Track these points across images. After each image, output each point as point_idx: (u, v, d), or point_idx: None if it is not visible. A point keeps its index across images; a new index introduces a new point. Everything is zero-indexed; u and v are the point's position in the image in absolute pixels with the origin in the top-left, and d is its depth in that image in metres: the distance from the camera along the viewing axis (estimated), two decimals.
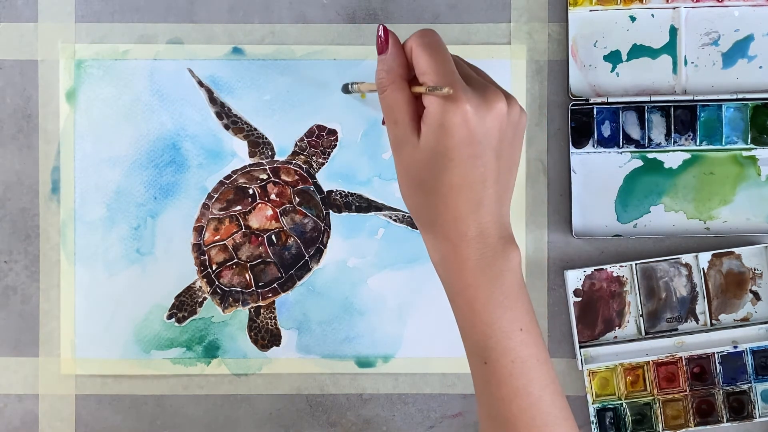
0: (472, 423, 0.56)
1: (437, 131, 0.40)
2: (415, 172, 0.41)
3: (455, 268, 0.42)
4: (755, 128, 0.56)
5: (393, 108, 0.42)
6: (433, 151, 0.40)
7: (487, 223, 0.41)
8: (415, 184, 0.42)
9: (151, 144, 0.56)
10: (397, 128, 0.42)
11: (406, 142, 0.41)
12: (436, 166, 0.40)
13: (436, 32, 0.42)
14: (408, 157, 0.41)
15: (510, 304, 0.42)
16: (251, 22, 0.56)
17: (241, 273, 0.56)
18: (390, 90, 0.42)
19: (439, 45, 0.41)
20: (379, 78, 0.43)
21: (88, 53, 0.56)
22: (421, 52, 0.41)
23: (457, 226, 0.41)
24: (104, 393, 0.56)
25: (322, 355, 0.56)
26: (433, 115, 0.40)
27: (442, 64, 0.41)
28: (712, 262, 0.56)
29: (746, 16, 0.56)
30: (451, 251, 0.42)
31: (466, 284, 0.42)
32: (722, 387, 0.56)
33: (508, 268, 0.42)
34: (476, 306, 0.42)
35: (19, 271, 0.56)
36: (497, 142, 0.41)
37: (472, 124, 0.40)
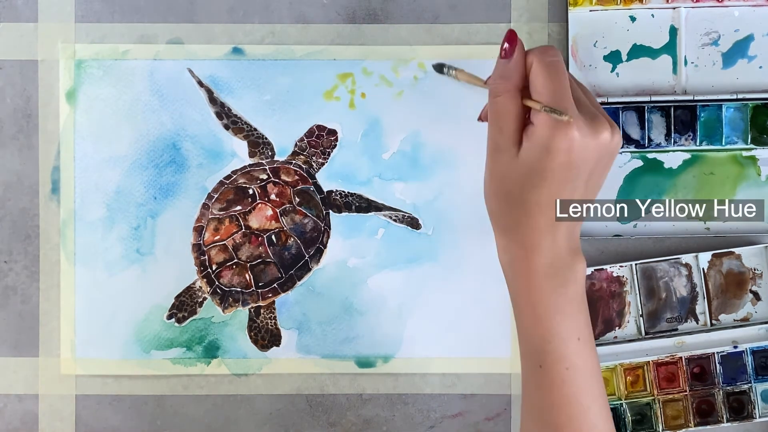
0: (472, 423, 0.56)
1: (540, 151, 0.41)
2: (506, 181, 0.43)
3: (524, 272, 0.43)
4: (755, 128, 0.56)
5: (502, 115, 0.42)
6: (530, 168, 0.41)
7: (562, 236, 0.43)
8: (503, 192, 0.43)
9: (151, 144, 0.56)
10: (500, 135, 0.43)
11: (506, 151, 0.42)
12: (529, 182, 0.42)
13: (559, 51, 0.43)
14: (503, 165, 0.42)
15: (571, 313, 0.43)
16: (251, 22, 0.56)
17: (241, 273, 0.56)
18: (504, 98, 0.43)
19: (559, 66, 0.42)
20: (495, 83, 0.43)
21: (88, 53, 0.56)
22: (541, 71, 0.42)
23: (533, 236, 0.43)
24: (104, 393, 0.56)
25: (322, 355, 0.56)
26: (540, 134, 0.41)
27: (560, 89, 0.42)
28: (712, 262, 0.56)
29: (746, 16, 0.56)
30: (522, 256, 0.43)
31: (531, 288, 0.43)
32: (722, 387, 0.56)
33: (573, 278, 0.43)
34: (539, 310, 0.43)
35: (19, 271, 0.56)
36: (592, 168, 0.42)
37: (576, 150, 0.41)
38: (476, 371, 0.56)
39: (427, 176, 0.56)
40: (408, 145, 0.56)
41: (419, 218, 0.56)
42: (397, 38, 0.56)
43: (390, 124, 0.56)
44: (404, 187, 0.56)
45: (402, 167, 0.56)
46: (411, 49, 0.56)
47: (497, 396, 0.56)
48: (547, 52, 0.43)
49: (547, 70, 0.42)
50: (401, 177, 0.56)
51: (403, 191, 0.56)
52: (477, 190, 0.56)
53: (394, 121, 0.56)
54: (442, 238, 0.56)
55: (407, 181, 0.56)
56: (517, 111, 0.42)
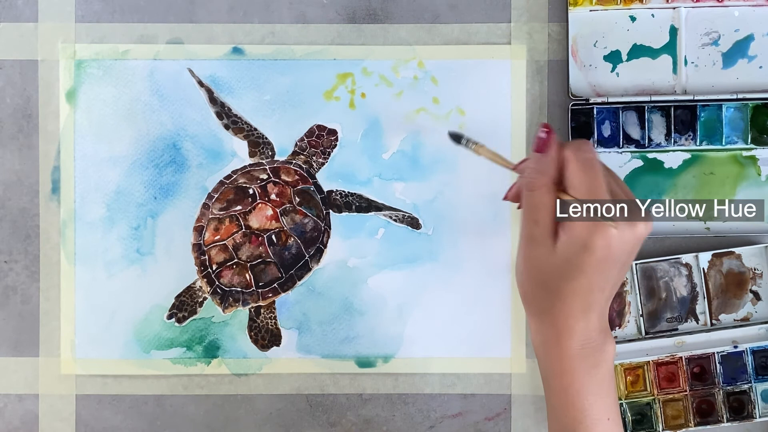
0: (472, 423, 0.56)
1: (578, 247, 0.42)
2: (541, 271, 0.43)
3: (556, 354, 0.44)
4: (755, 128, 0.56)
5: (538, 209, 0.43)
6: (567, 261, 0.42)
7: (594, 318, 0.44)
8: (538, 280, 0.44)
9: (151, 144, 0.56)
10: (535, 228, 0.43)
11: (542, 243, 0.43)
12: (567, 274, 0.42)
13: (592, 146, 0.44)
14: (540, 257, 0.43)
15: (602, 393, 0.44)
16: (251, 22, 0.56)
17: (241, 273, 0.56)
18: (540, 192, 0.43)
19: (594, 163, 0.43)
20: (532, 177, 0.44)
21: (88, 53, 0.56)
22: (577, 168, 0.43)
23: (567, 320, 0.43)
24: (104, 393, 0.56)
25: (322, 355, 0.56)
26: (578, 231, 0.42)
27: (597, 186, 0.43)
28: (712, 262, 0.56)
29: (746, 16, 0.56)
30: (554, 339, 0.44)
31: (564, 370, 0.44)
32: (722, 387, 0.56)
33: (604, 359, 0.44)
34: (571, 391, 0.44)
35: (19, 271, 0.56)
36: (627, 257, 0.43)
37: (615, 247, 0.42)
38: (476, 371, 0.56)
39: (427, 176, 0.56)
40: (408, 145, 0.56)
41: (419, 218, 0.56)
42: (397, 38, 0.56)
43: (390, 124, 0.56)
44: (404, 187, 0.56)
45: (402, 167, 0.56)
46: (411, 49, 0.56)
47: (497, 396, 0.56)
48: (581, 148, 0.44)
49: (583, 166, 0.43)
50: (401, 177, 0.56)
51: (403, 191, 0.56)
52: (477, 190, 0.56)
53: (394, 121, 0.56)
54: (442, 238, 0.56)
55: (407, 181, 0.56)
56: (553, 204, 0.43)
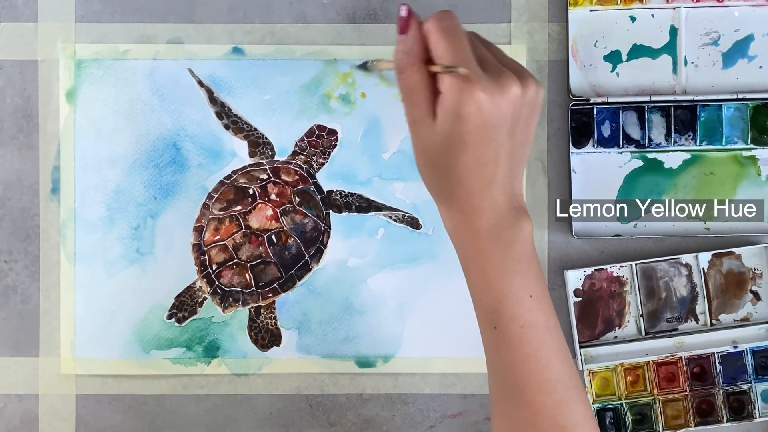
0: (472, 423, 0.56)
1: (452, 118, 0.40)
2: (430, 152, 0.42)
3: (468, 236, 0.43)
4: (755, 128, 0.56)
5: (411, 89, 0.42)
6: (448, 136, 0.41)
7: (499, 196, 0.42)
8: (431, 163, 0.43)
9: (151, 144, 0.56)
10: (414, 109, 0.42)
11: (423, 122, 0.42)
12: (451, 149, 0.41)
13: (454, 14, 0.42)
14: (424, 137, 0.42)
15: (521, 271, 0.43)
16: (251, 22, 0.56)
17: (241, 273, 0.56)
18: (409, 72, 0.42)
19: (456, 29, 0.42)
20: (398, 59, 0.43)
21: (88, 53, 0.56)
22: (439, 37, 0.41)
23: (470, 200, 0.42)
24: (104, 393, 0.56)
25: (322, 355, 0.56)
26: (449, 102, 0.40)
27: (459, 50, 0.41)
28: (712, 262, 0.56)
29: (746, 16, 0.56)
30: (464, 222, 0.43)
31: (478, 251, 0.43)
32: (722, 387, 0.56)
33: (519, 237, 0.43)
34: (487, 271, 0.43)
35: (19, 271, 0.56)
36: (511, 124, 0.42)
37: (487, 111, 0.40)
38: (476, 371, 0.56)
39: None
40: (408, 145, 0.56)
41: (419, 218, 0.56)
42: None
43: (390, 124, 0.56)
44: (404, 186, 0.56)
45: (402, 167, 0.56)
46: None
47: None
48: (442, 17, 0.42)
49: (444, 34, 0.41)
50: (401, 177, 0.56)
51: (403, 191, 0.56)
52: None
53: (394, 121, 0.56)
54: (442, 238, 0.56)
55: (407, 180, 0.56)
56: (426, 82, 0.42)
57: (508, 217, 0.43)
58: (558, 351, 0.43)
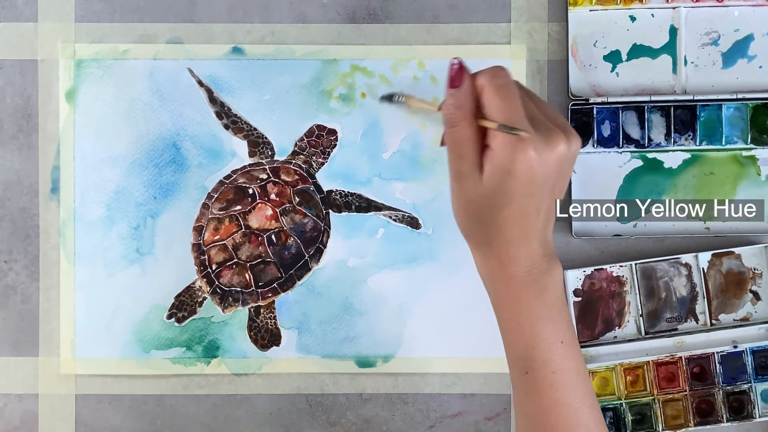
0: (472, 423, 0.56)
1: (501, 174, 0.41)
2: (473, 204, 0.43)
3: (503, 282, 0.44)
4: (755, 128, 0.56)
5: (461, 143, 0.43)
6: (495, 190, 0.42)
7: (535, 244, 0.43)
8: (472, 213, 0.44)
9: (151, 143, 0.56)
10: (462, 163, 0.43)
11: (469, 176, 0.43)
12: (496, 202, 0.42)
13: (507, 71, 0.43)
14: (469, 189, 0.43)
15: (552, 318, 0.44)
16: (251, 22, 0.56)
17: (240, 273, 0.56)
18: (461, 127, 0.43)
19: (510, 87, 0.43)
20: (450, 113, 0.43)
21: (88, 53, 0.56)
22: (493, 95, 0.42)
23: (509, 249, 0.43)
24: (104, 393, 0.56)
25: (322, 355, 0.56)
26: (499, 158, 0.41)
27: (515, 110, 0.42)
28: (712, 262, 0.56)
29: (746, 16, 0.56)
30: (499, 268, 0.44)
31: (512, 298, 0.44)
32: (722, 387, 0.56)
33: (551, 283, 0.44)
34: (521, 318, 0.43)
35: (19, 271, 0.56)
36: (555, 179, 0.43)
37: (535, 168, 0.41)
38: (476, 371, 0.56)
39: (427, 176, 0.56)
40: (408, 145, 0.56)
41: (419, 218, 0.56)
42: (397, 38, 0.56)
43: (390, 124, 0.56)
44: (404, 186, 0.56)
45: (402, 167, 0.56)
46: (411, 49, 0.56)
47: (497, 396, 0.56)
48: (496, 74, 0.43)
49: (498, 92, 0.42)
50: (401, 177, 0.56)
51: (403, 191, 0.56)
52: None
53: (394, 121, 0.56)
54: (442, 238, 0.56)
55: (407, 180, 0.56)
56: (475, 137, 0.43)
57: (542, 264, 0.44)
58: (587, 396, 0.44)
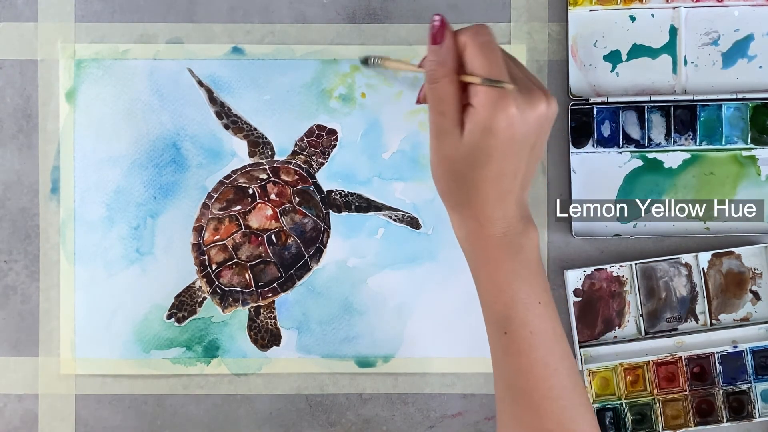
0: (472, 422, 0.56)
1: (482, 131, 0.41)
2: (452, 162, 0.43)
3: (480, 243, 0.44)
4: (755, 128, 0.56)
5: (443, 100, 0.43)
6: (475, 147, 0.42)
7: (512, 205, 0.44)
8: (450, 172, 0.43)
9: (151, 143, 0.56)
10: (443, 119, 0.43)
11: (450, 133, 0.43)
12: (475, 160, 0.42)
13: (490, 29, 0.43)
14: (449, 147, 0.43)
15: (529, 278, 0.44)
16: (251, 22, 0.56)
17: (240, 273, 0.56)
18: (443, 83, 0.43)
19: (493, 45, 0.43)
20: (431, 69, 0.43)
21: (88, 53, 0.56)
22: (477, 52, 0.42)
23: (485, 209, 0.43)
24: (104, 393, 0.56)
25: (322, 355, 0.56)
26: (480, 115, 0.41)
27: (497, 66, 0.42)
28: (712, 262, 0.56)
29: (746, 16, 0.56)
30: (477, 229, 0.44)
31: (489, 258, 0.44)
32: (722, 387, 0.56)
33: (527, 244, 0.44)
34: (498, 277, 0.44)
35: (19, 271, 0.56)
36: (534, 139, 0.43)
37: (516, 126, 0.41)
38: (476, 371, 0.56)
39: (427, 176, 0.56)
40: (408, 145, 0.56)
41: (419, 218, 0.56)
42: (397, 38, 0.56)
43: (390, 123, 0.56)
44: (404, 186, 0.56)
45: (402, 167, 0.56)
46: (411, 48, 0.56)
47: None
48: (479, 31, 0.43)
49: (481, 49, 0.42)
50: (401, 177, 0.56)
51: (403, 191, 0.56)
52: None
53: (394, 121, 0.56)
54: (442, 238, 0.56)
55: (407, 180, 0.56)
56: (457, 93, 0.42)
57: (518, 225, 0.44)
58: (564, 358, 0.44)
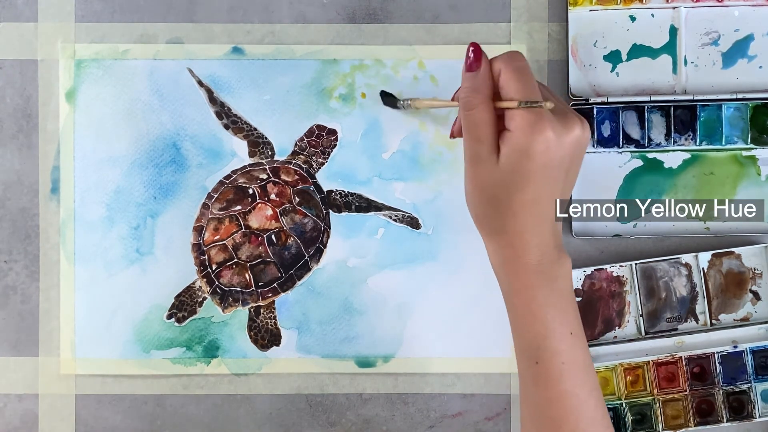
0: (472, 422, 0.56)
1: (519, 155, 0.42)
2: (488, 188, 0.43)
3: (515, 271, 0.44)
4: (755, 128, 0.56)
5: (478, 126, 0.43)
6: (512, 172, 0.42)
7: (547, 232, 0.44)
8: (487, 198, 0.44)
9: (151, 143, 0.56)
10: (479, 146, 0.43)
11: (486, 159, 0.43)
12: (512, 185, 0.43)
13: (522, 54, 0.44)
14: (485, 173, 0.43)
15: (563, 307, 0.44)
16: (251, 22, 0.56)
17: (240, 273, 0.56)
18: (479, 110, 0.43)
19: (527, 70, 0.43)
20: (467, 96, 0.44)
21: (88, 53, 0.56)
22: (512, 77, 0.43)
23: (522, 236, 0.44)
24: (104, 393, 0.56)
25: (322, 355, 0.56)
26: (517, 139, 0.42)
27: (533, 90, 0.43)
28: (712, 262, 0.56)
29: (746, 16, 0.56)
30: (512, 257, 0.44)
31: (524, 286, 0.44)
32: (722, 387, 0.56)
33: (561, 273, 0.44)
34: (533, 306, 0.44)
35: (19, 271, 0.56)
36: (569, 163, 0.44)
37: (553, 150, 0.42)
38: (476, 371, 0.56)
39: (427, 176, 0.56)
40: (408, 145, 0.56)
41: (419, 218, 0.56)
42: (397, 38, 0.56)
43: (390, 123, 0.56)
44: (404, 186, 0.56)
45: (402, 167, 0.56)
46: (411, 49, 0.56)
47: (497, 396, 0.56)
48: (513, 57, 0.44)
49: (517, 74, 0.43)
50: (401, 177, 0.56)
51: (403, 191, 0.56)
52: None
53: (394, 121, 0.56)
54: (442, 238, 0.56)
55: (407, 180, 0.56)
56: (493, 119, 0.43)
57: (553, 253, 0.44)
58: (593, 389, 0.44)
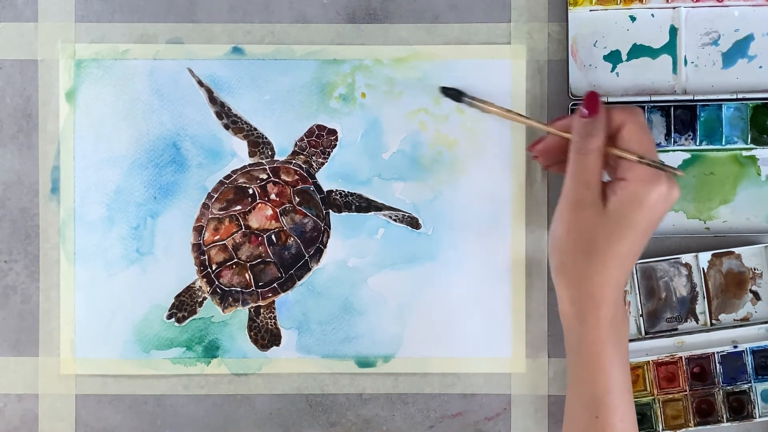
0: (472, 422, 0.56)
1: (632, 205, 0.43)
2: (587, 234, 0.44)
3: (590, 323, 0.45)
4: (755, 128, 0.56)
5: (590, 171, 0.44)
6: (619, 221, 0.43)
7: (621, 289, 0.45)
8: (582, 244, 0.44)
9: (151, 144, 0.56)
10: (586, 191, 0.44)
11: (591, 204, 0.44)
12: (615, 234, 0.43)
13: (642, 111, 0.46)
14: (588, 218, 0.44)
15: (625, 365, 0.45)
16: (251, 21, 0.56)
17: (240, 273, 0.56)
18: (593, 156, 0.44)
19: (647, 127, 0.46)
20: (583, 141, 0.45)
21: (88, 53, 0.56)
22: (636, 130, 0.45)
23: (605, 289, 0.44)
24: (104, 393, 0.56)
25: (322, 355, 0.56)
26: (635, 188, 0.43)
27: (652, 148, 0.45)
28: (712, 262, 0.56)
29: (746, 16, 0.56)
30: (591, 308, 0.44)
31: (598, 339, 0.44)
32: (722, 387, 0.56)
33: (625, 331, 0.46)
34: (603, 360, 0.44)
35: (19, 271, 0.56)
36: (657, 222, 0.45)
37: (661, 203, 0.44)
38: (476, 371, 0.56)
39: (427, 176, 0.56)
40: (408, 145, 0.56)
41: (419, 218, 0.56)
42: (397, 38, 0.56)
43: (390, 123, 0.56)
44: (404, 186, 0.56)
45: (402, 167, 0.56)
46: (411, 49, 0.56)
47: (497, 396, 0.56)
48: (638, 112, 0.46)
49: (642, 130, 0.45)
50: (401, 177, 0.56)
51: (403, 191, 0.56)
52: (477, 189, 0.56)
53: (394, 121, 0.56)
54: (442, 238, 0.56)
55: (407, 180, 0.56)
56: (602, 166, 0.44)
57: (621, 311, 0.45)
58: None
